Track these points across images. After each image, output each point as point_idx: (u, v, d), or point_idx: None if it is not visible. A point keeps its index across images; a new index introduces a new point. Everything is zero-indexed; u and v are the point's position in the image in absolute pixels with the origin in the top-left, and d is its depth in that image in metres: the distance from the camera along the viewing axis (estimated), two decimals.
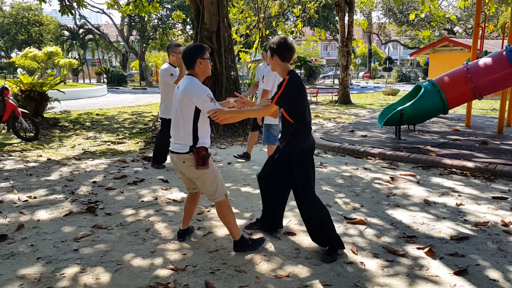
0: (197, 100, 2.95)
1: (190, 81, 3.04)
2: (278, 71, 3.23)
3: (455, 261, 3.17)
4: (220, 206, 3.21)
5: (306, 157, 3.21)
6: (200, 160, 2.99)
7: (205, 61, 3.09)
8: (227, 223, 3.26)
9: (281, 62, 3.14)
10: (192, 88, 2.98)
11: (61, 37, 41.04)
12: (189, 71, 3.12)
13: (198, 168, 3.02)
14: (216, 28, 8.63)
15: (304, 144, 3.19)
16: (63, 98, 11.81)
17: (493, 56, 7.47)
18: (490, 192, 4.94)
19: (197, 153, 2.99)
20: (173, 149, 3.12)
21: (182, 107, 3.01)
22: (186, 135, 3.03)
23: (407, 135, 8.30)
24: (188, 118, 3.00)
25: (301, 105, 3.15)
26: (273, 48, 3.12)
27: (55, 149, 7.34)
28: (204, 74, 3.14)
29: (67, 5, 9.77)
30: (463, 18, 34.39)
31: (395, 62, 57.65)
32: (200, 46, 3.13)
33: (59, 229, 3.74)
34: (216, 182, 3.14)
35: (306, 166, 3.20)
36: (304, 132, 3.18)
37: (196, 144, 3.03)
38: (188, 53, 3.08)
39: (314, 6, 17.40)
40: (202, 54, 3.07)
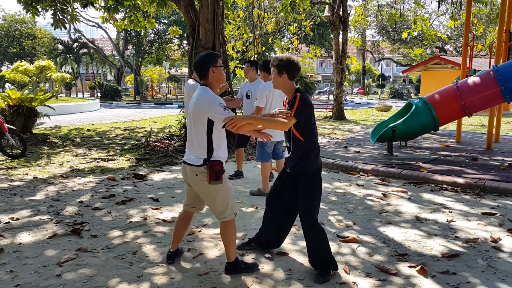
0: (209, 111, 2.87)
1: (202, 92, 2.97)
2: (283, 89, 3.17)
3: (447, 279, 3.16)
4: (226, 225, 3.11)
5: (315, 177, 3.18)
6: (214, 175, 2.91)
7: (218, 69, 3.02)
8: (228, 244, 3.16)
9: (289, 80, 3.11)
10: (204, 99, 2.91)
11: (54, 51, 40.97)
12: (202, 81, 3.06)
13: (210, 183, 2.94)
14: (211, 45, 8.66)
15: (314, 163, 3.15)
16: (54, 114, 11.71)
17: (481, 76, 7.58)
18: (480, 208, 4.95)
19: (211, 167, 2.91)
20: (187, 160, 3.05)
21: (195, 119, 2.95)
22: (200, 148, 2.96)
23: (399, 151, 8.33)
24: (201, 129, 2.93)
25: (312, 123, 3.12)
26: (282, 65, 3.06)
27: (42, 166, 7.23)
28: (218, 83, 3.06)
29: (60, 19, 9.69)
30: (454, 37, 34.96)
31: (388, 79, 58.30)
32: (211, 54, 3.06)
33: (42, 253, 3.62)
34: (227, 200, 3.05)
35: (314, 186, 3.17)
36: (314, 151, 3.15)
37: (210, 157, 2.95)
38: (200, 62, 3.01)
39: (310, 24, 17.62)
40: (214, 62, 3.00)
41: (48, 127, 12.85)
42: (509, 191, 5.52)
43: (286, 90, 3.16)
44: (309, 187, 3.14)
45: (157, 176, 6.51)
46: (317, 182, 3.18)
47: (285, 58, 3.08)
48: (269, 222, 3.54)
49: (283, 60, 3.07)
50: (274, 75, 3.13)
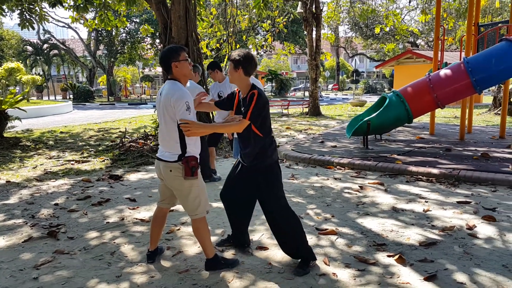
0: (175, 106, 2.83)
1: (171, 85, 2.93)
2: (239, 85, 3.15)
3: (425, 267, 3.22)
4: (197, 223, 3.09)
5: (275, 170, 3.19)
6: (189, 170, 2.89)
7: (181, 63, 2.96)
8: (203, 241, 3.14)
9: (244, 76, 3.10)
10: (172, 92, 2.87)
11: (24, 53, 39.79)
12: (169, 76, 3.01)
13: (186, 179, 2.91)
14: (184, 42, 8.58)
15: (272, 157, 3.17)
16: (25, 116, 11.37)
17: (452, 68, 7.76)
18: (454, 197, 5.07)
19: (186, 162, 2.89)
20: (161, 156, 3.01)
21: (165, 114, 2.90)
22: (173, 144, 2.92)
23: (375, 145, 8.46)
24: (173, 125, 2.90)
25: (269, 119, 3.16)
26: (238, 60, 3.04)
27: (15, 170, 7.02)
28: (184, 76, 3.02)
29: (27, 19, 9.41)
30: (425, 32, 35.73)
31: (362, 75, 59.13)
32: (173, 48, 3.00)
33: (17, 257, 3.53)
34: (200, 198, 3.03)
35: (277, 178, 3.19)
36: (271, 145, 3.17)
37: (185, 152, 2.92)
38: (162, 58, 2.98)
39: (283, 21, 17.69)
40: (176, 56, 2.95)
41: (20, 130, 12.49)
42: (483, 180, 5.68)
43: (241, 86, 3.14)
44: (272, 180, 3.16)
45: (133, 176, 6.42)
46: (278, 173, 3.21)
47: (242, 53, 3.06)
48: (235, 220, 3.52)
49: (239, 55, 3.05)
50: (230, 69, 3.10)
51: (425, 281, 2.99)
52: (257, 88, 3.09)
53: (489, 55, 7.42)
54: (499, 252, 3.46)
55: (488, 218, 4.25)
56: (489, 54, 7.48)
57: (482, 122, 13.03)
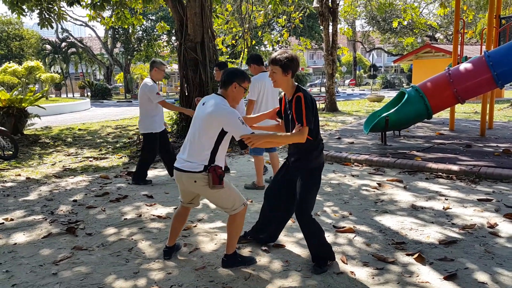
0: (229, 123, 2.86)
1: (221, 102, 2.94)
2: (286, 88, 3.06)
3: (445, 265, 3.16)
4: (236, 216, 3.10)
5: (315, 175, 3.13)
6: (217, 179, 2.90)
7: (241, 88, 3.01)
8: (233, 235, 3.14)
9: (291, 78, 3.04)
10: (222, 111, 2.88)
11: (43, 51, 40.56)
12: (221, 91, 3.03)
13: (213, 188, 2.92)
14: (200, 39, 8.60)
15: (316, 161, 3.10)
16: (44, 114, 11.60)
17: (473, 62, 7.58)
18: (475, 194, 4.96)
19: (214, 171, 2.90)
20: (182, 167, 2.99)
21: (206, 127, 2.91)
22: (201, 155, 2.93)
23: (393, 141, 8.34)
24: (211, 139, 2.91)
25: (317, 120, 3.07)
26: (288, 65, 2.94)
27: (34, 167, 7.16)
28: (233, 101, 3.05)
29: (46, 18, 9.57)
30: (444, 25, 35.08)
31: (380, 69, 58.46)
32: (242, 72, 3.05)
33: (37, 252, 3.59)
34: (232, 195, 3.06)
35: (314, 184, 3.12)
36: (318, 147, 3.10)
37: (212, 163, 2.95)
38: (230, 72, 3.01)
39: (299, 16, 17.54)
40: (241, 80, 3.00)
41: (39, 127, 12.72)
42: (504, 176, 5.55)
43: (288, 89, 3.06)
44: (308, 183, 3.09)
45: (150, 173, 6.45)
46: (316, 179, 3.13)
47: (290, 56, 2.95)
48: (266, 217, 3.50)
49: (288, 58, 2.94)
50: (279, 74, 2.98)
51: (445, 280, 2.93)
52: (301, 89, 3.02)
53: (511, 48, 7.22)
54: None
55: (510, 216, 4.14)
56: (511, 47, 7.28)
57: (503, 117, 12.71)
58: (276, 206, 3.41)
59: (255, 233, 3.61)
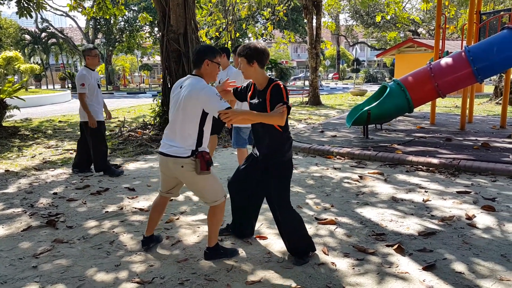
0: (206, 101, 2.80)
1: (197, 82, 2.91)
2: (256, 79, 3.04)
3: (424, 256, 3.23)
4: (215, 208, 3.10)
5: (288, 166, 3.15)
6: (205, 165, 2.88)
7: (213, 64, 2.98)
8: (212, 227, 3.14)
9: (260, 69, 3.02)
10: (200, 89, 2.84)
11: (22, 41, 39.52)
12: (195, 71, 3.00)
13: (201, 173, 2.89)
14: (183, 30, 8.50)
15: (288, 154, 3.11)
16: (24, 106, 11.32)
17: (453, 56, 7.69)
18: (454, 187, 5.07)
19: (202, 157, 2.88)
20: (168, 152, 2.94)
21: (187, 109, 2.86)
22: (188, 139, 2.90)
23: (375, 134, 8.44)
24: (194, 121, 2.87)
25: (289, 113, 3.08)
26: (250, 55, 2.94)
27: (13, 159, 7.00)
28: (209, 77, 3.01)
29: (25, 7, 9.34)
30: (426, 20, 35.44)
31: (363, 64, 58.79)
32: (211, 48, 3.02)
33: (17, 246, 3.53)
34: (215, 186, 3.05)
35: (288, 175, 3.14)
36: (288, 141, 3.11)
37: (198, 148, 2.92)
38: (198, 51, 2.97)
39: (283, 9, 17.50)
40: (211, 56, 2.97)
41: (18, 119, 12.44)
42: (483, 169, 5.67)
43: (258, 79, 3.04)
44: (283, 176, 3.11)
45: (132, 165, 6.41)
46: (290, 171, 3.16)
47: (253, 46, 2.96)
48: (239, 211, 3.50)
49: (250, 48, 2.95)
50: (244, 65, 2.99)
51: (424, 271, 2.99)
52: (275, 80, 3.01)
53: (491, 44, 7.36)
54: (498, 242, 3.47)
55: (488, 208, 4.25)
56: (490, 42, 7.42)
57: (483, 111, 12.98)
58: (243, 198, 3.42)
59: (233, 229, 3.62)
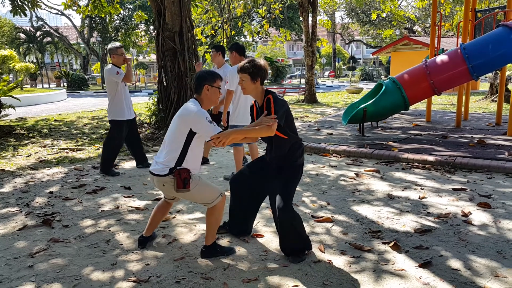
0: (196, 122, 2.87)
1: (192, 104, 2.98)
2: (256, 95, 3.11)
3: (420, 253, 3.23)
4: (214, 208, 3.11)
5: (299, 170, 3.18)
6: (181, 183, 2.90)
7: (214, 89, 3.03)
8: (212, 226, 3.16)
9: (260, 85, 3.08)
10: (191, 111, 2.90)
11: (16, 40, 39.26)
12: (195, 95, 3.06)
13: (178, 191, 2.94)
14: (178, 28, 8.48)
15: (300, 160, 3.16)
16: (19, 105, 11.25)
17: (449, 54, 7.71)
18: (450, 184, 5.08)
19: (178, 174, 2.90)
20: (153, 170, 3.02)
21: (175, 129, 2.95)
22: (169, 156, 2.95)
23: (371, 132, 8.45)
24: (179, 140, 2.93)
25: (292, 121, 3.13)
26: (256, 73, 3.00)
27: (8, 159, 6.96)
28: (209, 102, 3.07)
29: (19, 6, 9.27)
30: (422, 18, 35.52)
31: (359, 61, 58.86)
32: (213, 73, 3.06)
33: (12, 245, 3.51)
34: (207, 191, 3.07)
35: (297, 179, 3.18)
36: (300, 147, 3.16)
37: (177, 166, 2.95)
38: (199, 77, 3.02)
39: (279, 7, 17.48)
40: (211, 81, 3.01)
41: (13, 118, 12.38)
42: (478, 166, 5.70)
43: (258, 95, 3.11)
44: (292, 179, 3.14)
45: (128, 164, 6.39)
46: (300, 175, 3.20)
47: (258, 65, 3.01)
48: (238, 209, 3.50)
49: (256, 66, 3.00)
50: (247, 82, 3.03)
51: (420, 268, 3.00)
52: (271, 92, 3.08)
53: (486, 41, 7.38)
54: (494, 239, 3.48)
55: (484, 205, 4.27)
56: (486, 40, 7.43)
57: (478, 109, 13.04)
58: (245, 197, 3.43)
59: (230, 227, 3.62)
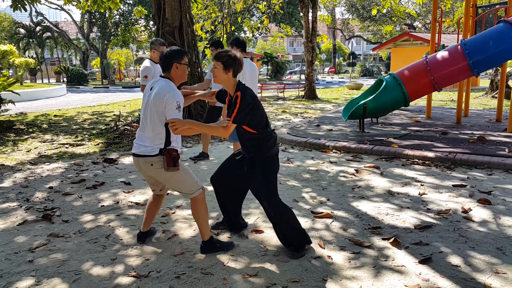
0: (167, 104, 2.87)
1: (165, 84, 2.96)
2: (227, 86, 3.06)
3: (420, 249, 3.24)
4: (195, 202, 3.12)
5: (274, 161, 3.16)
6: (171, 161, 2.92)
7: (182, 66, 3.02)
8: (201, 222, 3.16)
9: (232, 77, 3.02)
10: (166, 91, 2.89)
11: (16, 35, 39.17)
12: (164, 74, 3.04)
13: (168, 170, 2.94)
14: (178, 24, 8.46)
15: (271, 150, 3.13)
16: (19, 100, 11.23)
17: (449, 50, 7.69)
18: (450, 180, 5.08)
19: (168, 154, 2.93)
20: (138, 152, 3.01)
21: (154, 110, 2.94)
22: (156, 138, 2.96)
23: (371, 128, 8.44)
24: (161, 120, 2.94)
25: (258, 118, 3.05)
26: (229, 62, 2.94)
27: (8, 153, 6.96)
28: (179, 79, 3.06)
29: (19, 0, 9.21)
30: (422, 14, 35.42)
31: (359, 57, 58.78)
32: (179, 50, 3.05)
33: (12, 240, 3.52)
34: (189, 180, 3.08)
35: (275, 170, 3.16)
36: (270, 139, 3.12)
37: (167, 146, 2.98)
38: (166, 55, 3.00)
39: (279, 2, 17.42)
40: (179, 58, 3.00)
41: (13, 113, 12.36)
42: (478, 163, 5.69)
43: (229, 87, 3.06)
44: (269, 171, 3.12)
45: (128, 159, 6.39)
46: (275, 166, 3.18)
47: (233, 55, 2.96)
48: (223, 205, 3.52)
49: (231, 57, 2.95)
50: (219, 70, 2.96)
51: (420, 264, 3.00)
52: (241, 88, 3.01)
53: (487, 37, 7.36)
54: (494, 235, 3.48)
55: (484, 202, 4.27)
56: (486, 36, 7.41)
57: (479, 105, 13.02)
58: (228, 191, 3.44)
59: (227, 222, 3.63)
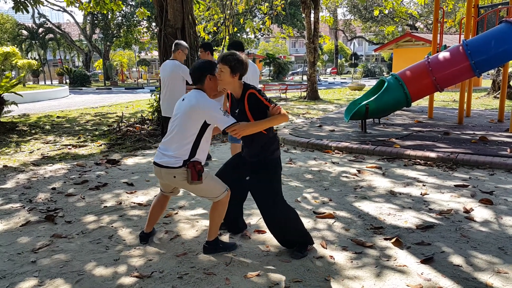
0: (210, 114, 2.87)
1: (199, 95, 2.95)
2: (233, 88, 3.03)
3: (422, 249, 3.24)
4: (219, 203, 3.12)
5: (278, 163, 3.17)
6: (196, 175, 2.91)
7: (214, 77, 3.02)
8: (214, 221, 3.16)
9: (239, 80, 3.02)
10: (203, 103, 2.89)
11: (19, 37, 39.31)
12: (197, 86, 3.04)
13: (191, 183, 2.94)
14: (180, 25, 8.47)
15: (276, 153, 3.14)
16: (22, 101, 11.26)
17: (451, 50, 7.69)
18: (452, 180, 5.08)
19: (193, 167, 2.91)
20: (161, 162, 2.98)
21: (187, 121, 2.92)
22: (181, 149, 2.94)
23: (373, 129, 8.44)
24: (192, 133, 2.92)
25: None
26: (238, 67, 2.92)
27: (11, 155, 6.99)
28: (212, 91, 3.05)
29: (21, 2, 9.26)
30: (424, 14, 35.41)
31: (361, 58, 58.76)
32: (211, 62, 3.06)
33: (15, 241, 3.53)
34: (213, 185, 3.07)
35: (278, 172, 3.16)
36: (275, 142, 3.14)
37: (191, 158, 2.95)
38: (199, 67, 3.01)
39: (281, 3, 17.44)
40: (212, 70, 3.00)
41: (16, 115, 12.39)
42: (480, 163, 5.69)
43: (235, 90, 3.05)
44: (274, 173, 3.13)
45: (131, 160, 6.41)
46: (279, 168, 3.18)
47: (241, 59, 2.95)
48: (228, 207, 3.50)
49: (238, 60, 2.92)
50: (226, 74, 2.92)
51: (422, 264, 3.00)
52: (251, 86, 3.03)
53: (489, 38, 7.36)
54: (496, 235, 3.48)
55: (485, 202, 4.26)
56: (488, 36, 7.41)
57: (481, 105, 13.00)
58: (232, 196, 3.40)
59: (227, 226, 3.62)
